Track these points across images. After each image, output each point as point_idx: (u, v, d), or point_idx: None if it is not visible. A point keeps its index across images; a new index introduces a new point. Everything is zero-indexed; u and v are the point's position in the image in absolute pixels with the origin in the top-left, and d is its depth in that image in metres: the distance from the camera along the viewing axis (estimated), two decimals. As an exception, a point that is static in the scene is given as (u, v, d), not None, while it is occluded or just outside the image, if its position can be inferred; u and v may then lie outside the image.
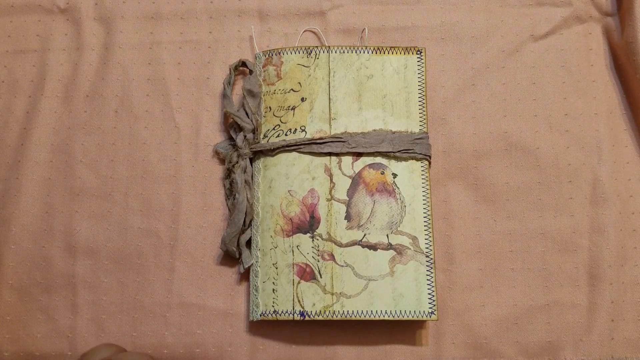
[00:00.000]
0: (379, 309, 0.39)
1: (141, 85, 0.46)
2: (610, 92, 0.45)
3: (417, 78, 0.43)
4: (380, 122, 0.42)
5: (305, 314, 0.39)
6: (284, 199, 0.41)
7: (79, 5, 0.47)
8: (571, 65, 0.45)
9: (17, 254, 0.43)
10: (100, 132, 0.45)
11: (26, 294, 0.43)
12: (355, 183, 0.41)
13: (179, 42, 0.46)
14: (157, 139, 0.45)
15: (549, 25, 0.46)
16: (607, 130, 0.44)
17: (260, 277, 0.41)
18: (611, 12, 0.46)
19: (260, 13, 0.47)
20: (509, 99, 0.45)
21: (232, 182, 0.43)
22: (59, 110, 0.46)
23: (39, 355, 0.42)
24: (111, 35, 0.46)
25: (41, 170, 0.44)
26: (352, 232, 0.41)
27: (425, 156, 0.42)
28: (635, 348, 0.41)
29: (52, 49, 0.47)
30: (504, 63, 0.46)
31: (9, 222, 0.43)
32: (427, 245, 0.40)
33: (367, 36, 0.46)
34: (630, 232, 0.43)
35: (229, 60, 0.46)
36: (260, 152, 0.43)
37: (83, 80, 0.46)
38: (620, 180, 0.44)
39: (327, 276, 0.40)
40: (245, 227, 0.42)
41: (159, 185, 0.44)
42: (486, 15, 0.46)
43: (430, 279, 0.40)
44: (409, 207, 0.41)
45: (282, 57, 0.44)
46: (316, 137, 0.42)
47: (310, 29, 0.47)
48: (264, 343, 0.41)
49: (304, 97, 0.43)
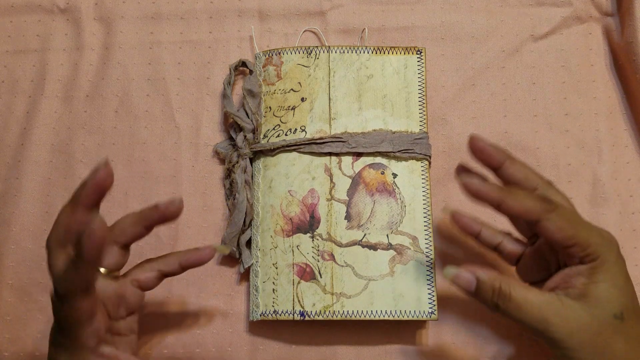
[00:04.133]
0: (379, 309, 0.39)
1: (141, 85, 0.46)
2: (610, 92, 0.45)
3: (417, 78, 0.43)
4: (380, 122, 0.42)
5: (305, 314, 0.39)
6: (284, 199, 0.41)
7: (79, 5, 0.47)
8: (571, 65, 0.45)
9: (17, 254, 0.43)
10: (100, 132, 0.45)
11: (26, 294, 0.43)
12: (355, 183, 0.41)
13: (179, 42, 0.46)
14: (157, 139, 0.45)
15: (549, 25, 0.46)
16: (607, 130, 0.44)
17: (260, 277, 0.41)
18: (611, 12, 0.46)
19: (260, 13, 0.47)
20: (509, 99, 0.45)
21: (232, 182, 0.43)
22: (59, 110, 0.46)
23: (39, 355, 0.42)
24: (111, 35, 0.46)
25: (41, 170, 0.44)
26: (352, 232, 0.41)
27: (425, 156, 0.42)
28: (635, 348, 0.41)
29: (52, 49, 0.47)
30: (504, 63, 0.46)
31: (9, 222, 0.43)
32: (427, 245, 0.40)
33: (367, 36, 0.46)
34: (630, 232, 0.43)
35: (229, 60, 0.46)
36: (260, 152, 0.43)
37: (83, 80, 0.46)
38: (620, 180, 0.44)
39: (327, 276, 0.40)
40: (245, 227, 0.42)
41: (159, 185, 0.44)
42: (486, 15, 0.46)
43: (430, 279, 0.40)
44: (409, 207, 0.41)
45: (282, 57, 0.44)
46: (316, 137, 0.42)
47: (310, 29, 0.47)
48: (264, 343, 0.41)
49: (304, 97, 0.43)
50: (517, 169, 0.35)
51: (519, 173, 0.35)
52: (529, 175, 0.35)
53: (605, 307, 0.31)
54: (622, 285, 0.32)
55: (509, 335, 0.41)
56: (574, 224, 0.32)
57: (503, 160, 0.35)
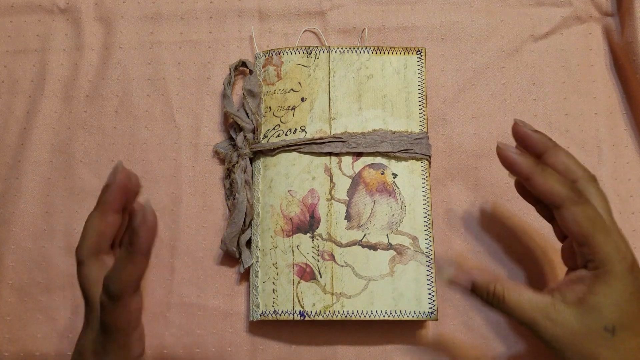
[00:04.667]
0: (379, 309, 0.39)
1: (141, 85, 0.46)
2: (610, 92, 0.45)
3: (417, 78, 0.43)
4: (380, 122, 0.42)
5: (305, 314, 0.39)
6: (284, 199, 0.41)
7: (79, 5, 0.47)
8: (571, 65, 0.45)
9: (17, 254, 0.43)
10: (100, 132, 0.45)
11: (26, 294, 0.43)
12: (355, 183, 0.41)
13: (179, 42, 0.46)
14: (157, 139, 0.45)
15: (549, 25, 0.46)
16: (607, 130, 0.44)
17: (260, 277, 0.41)
18: (611, 12, 0.46)
19: (260, 13, 0.47)
20: (509, 99, 0.45)
21: (232, 182, 0.43)
22: (59, 110, 0.46)
23: (39, 355, 0.42)
24: (111, 35, 0.46)
25: (41, 170, 0.44)
26: (352, 232, 0.41)
27: (425, 156, 0.42)
28: (635, 348, 0.41)
29: (52, 49, 0.47)
30: (504, 63, 0.46)
31: (9, 222, 0.43)
32: (427, 245, 0.40)
33: (367, 36, 0.46)
34: (630, 232, 0.43)
35: (229, 60, 0.46)
36: (260, 152, 0.43)
37: (83, 80, 0.46)
38: (620, 180, 0.44)
39: (327, 276, 0.40)
40: (245, 227, 0.42)
41: (159, 185, 0.44)
42: (486, 15, 0.46)
43: (430, 279, 0.40)
44: (409, 207, 0.41)
45: (282, 57, 0.44)
46: (316, 137, 0.42)
47: (310, 29, 0.47)
48: (264, 343, 0.41)
49: (304, 97, 0.43)
50: (559, 159, 0.34)
51: (560, 164, 0.34)
52: (571, 166, 0.34)
53: (596, 318, 0.31)
54: (623, 301, 0.32)
55: (510, 336, 0.41)
56: (594, 225, 0.32)
57: (545, 149, 0.35)
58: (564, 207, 0.32)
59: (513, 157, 0.33)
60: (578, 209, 0.32)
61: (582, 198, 0.32)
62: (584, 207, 0.32)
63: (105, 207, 0.32)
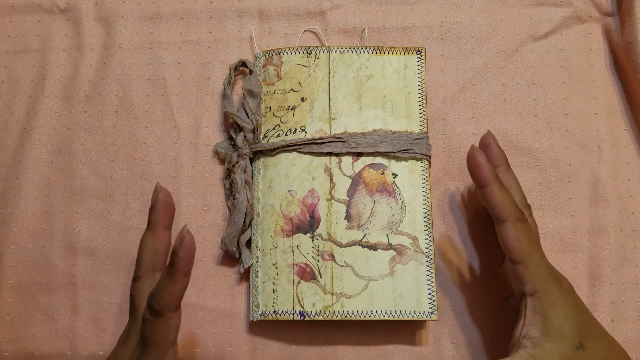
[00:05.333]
0: (379, 309, 0.39)
1: (141, 85, 0.46)
2: (610, 92, 0.45)
3: (417, 78, 0.43)
4: (380, 122, 0.42)
5: (305, 314, 0.39)
6: (284, 199, 0.41)
7: (79, 5, 0.47)
8: (571, 65, 0.45)
9: (17, 254, 0.43)
10: (100, 132, 0.45)
11: (26, 294, 0.43)
12: (355, 183, 0.41)
13: (179, 42, 0.46)
14: (157, 139, 0.45)
15: (549, 25, 0.46)
16: (607, 130, 0.44)
17: (260, 277, 0.41)
18: (611, 12, 0.46)
19: (260, 13, 0.47)
20: (509, 99, 0.45)
21: (232, 182, 0.43)
22: (59, 110, 0.46)
23: (39, 355, 0.42)
24: (111, 35, 0.46)
25: (41, 170, 0.44)
26: (352, 232, 0.41)
27: (425, 156, 0.42)
28: (635, 348, 0.41)
29: (52, 49, 0.47)
30: (504, 63, 0.46)
31: (9, 222, 0.43)
32: (427, 245, 0.40)
33: (367, 36, 0.46)
34: (630, 232, 0.43)
35: (229, 60, 0.46)
36: (260, 152, 0.43)
37: (83, 80, 0.46)
38: (620, 180, 0.44)
39: (327, 276, 0.40)
40: (245, 227, 0.42)
41: (159, 185, 0.44)
42: (486, 15, 0.46)
43: (430, 279, 0.40)
44: (409, 207, 0.41)
45: (282, 57, 0.44)
46: (316, 137, 0.42)
47: (310, 29, 0.47)
48: (264, 343, 0.41)
49: (304, 97, 0.43)
50: (506, 180, 0.38)
51: (506, 184, 0.37)
52: (515, 191, 0.38)
53: (563, 341, 0.33)
54: (573, 315, 0.33)
55: (509, 336, 0.41)
56: (531, 246, 0.34)
57: (499, 165, 0.38)
58: (508, 221, 0.34)
59: (481, 161, 0.35)
60: (520, 226, 0.34)
61: (525, 219, 0.35)
62: (526, 226, 0.35)
63: (154, 225, 0.36)
